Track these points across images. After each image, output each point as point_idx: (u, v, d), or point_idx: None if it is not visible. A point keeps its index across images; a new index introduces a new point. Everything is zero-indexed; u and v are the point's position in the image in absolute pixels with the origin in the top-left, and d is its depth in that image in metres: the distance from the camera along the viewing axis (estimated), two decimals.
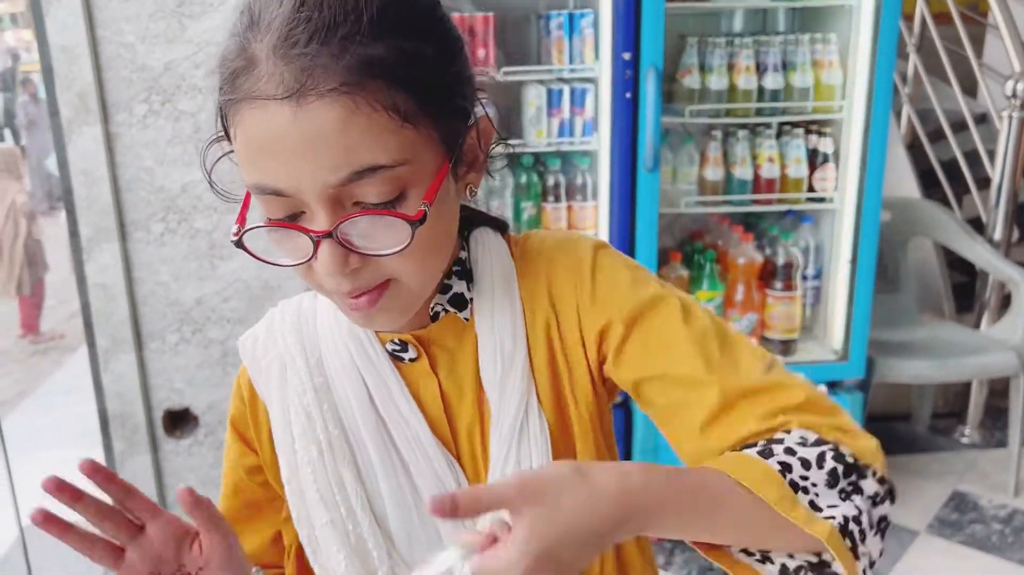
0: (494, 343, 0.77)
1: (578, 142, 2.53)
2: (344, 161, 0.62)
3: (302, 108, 0.61)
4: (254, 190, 0.66)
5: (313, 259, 0.66)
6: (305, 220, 0.66)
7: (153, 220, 2.35)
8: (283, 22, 0.62)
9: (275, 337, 0.83)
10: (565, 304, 0.78)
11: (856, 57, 2.50)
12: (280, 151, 0.62)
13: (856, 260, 2.60)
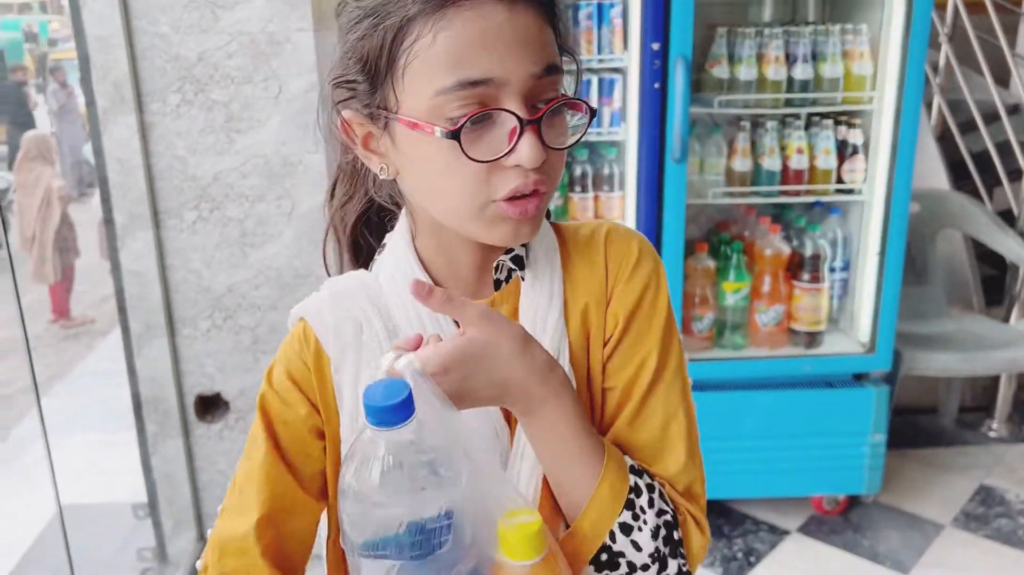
0: (532, 301, 0.84)
1: (606, 132, 2.53)
2: (542, 56, 0.73)
3: (514, 9, 0.72)
4: (458, 87, 0.71)
5: (509, 154, 0.72)
6: (494, 128, 0.74)
7: (186, 208, 2.38)
8: None
9: (344, 302, 0.84)
10: (601, 291, 0.85)
11: (887, 47, 2.48)
12: (497, 44, 0.71)
13: (884, 252, 2.58)
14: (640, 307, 0.84)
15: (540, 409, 0.77)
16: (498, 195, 0.75)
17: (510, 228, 0.77)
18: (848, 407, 2.68)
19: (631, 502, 0.78)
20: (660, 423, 0.83)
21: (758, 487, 2.79)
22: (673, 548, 0.80)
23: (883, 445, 2.71)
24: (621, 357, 0.84)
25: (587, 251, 0.86)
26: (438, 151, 0.74)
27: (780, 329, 2.71)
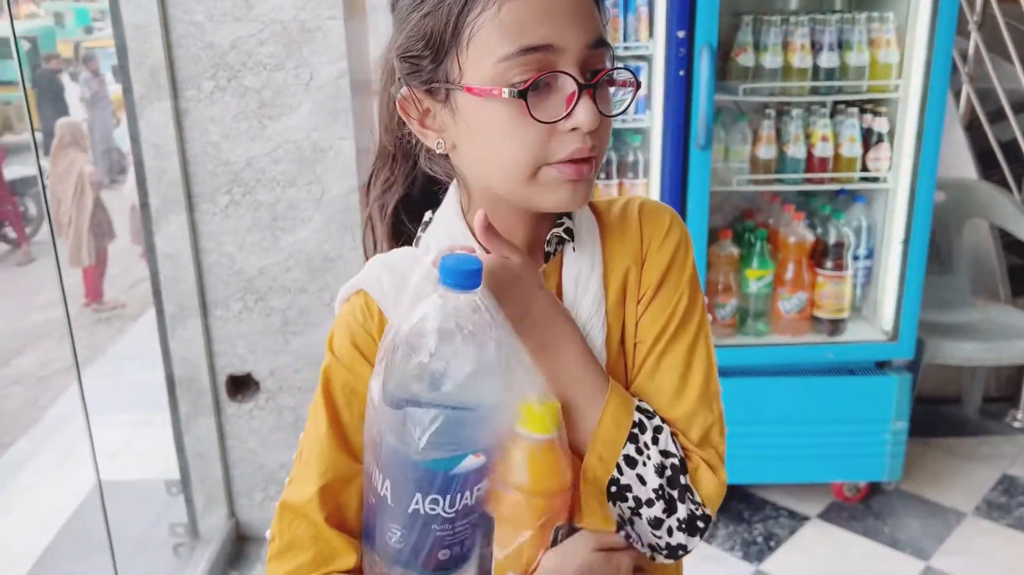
0: (575, 267, 0.90)
1: (630, 120, 2.56)
2: (594, 29, 0.79)
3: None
4: (521, 53, 0.77)
5: (568, 117, 0.78)
6: (552, 94, 0.79)
7: (219, 192, 2.44)
8: None
9: (400, 273, 0.86)
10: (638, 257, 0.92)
11: (914, 35, 2.48)
12: (555, 14, 0.77)
13: (908, 241, 2.59)
14: (671, 269, 0.90)
15: (555, 343, 0.84)
16: (556, 157, 0.80)
17: (567, 192, 0.81)
18: (870, 395, 2.69)
19: (634, 436, 0.84)
20: (679, 371, 0.88)
21: (779, 473, 2.81)
22: (681, 492, 0.84)
23: (904, 433, 2.72)
24: (651, 314, 0.90)
25: (623, 223, 0.92)
26: (502, 114, 0.79)
27: (803, 316, 2.73)
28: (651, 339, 0.89)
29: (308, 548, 0.83)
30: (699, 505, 0.85)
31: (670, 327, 0.89)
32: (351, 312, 0.88)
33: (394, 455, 0.76)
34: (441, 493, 0.75)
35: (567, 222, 0.90)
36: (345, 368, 0.86)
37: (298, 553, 0.83)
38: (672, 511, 0.84)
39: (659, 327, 0.89)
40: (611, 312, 0.90)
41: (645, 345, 0.90)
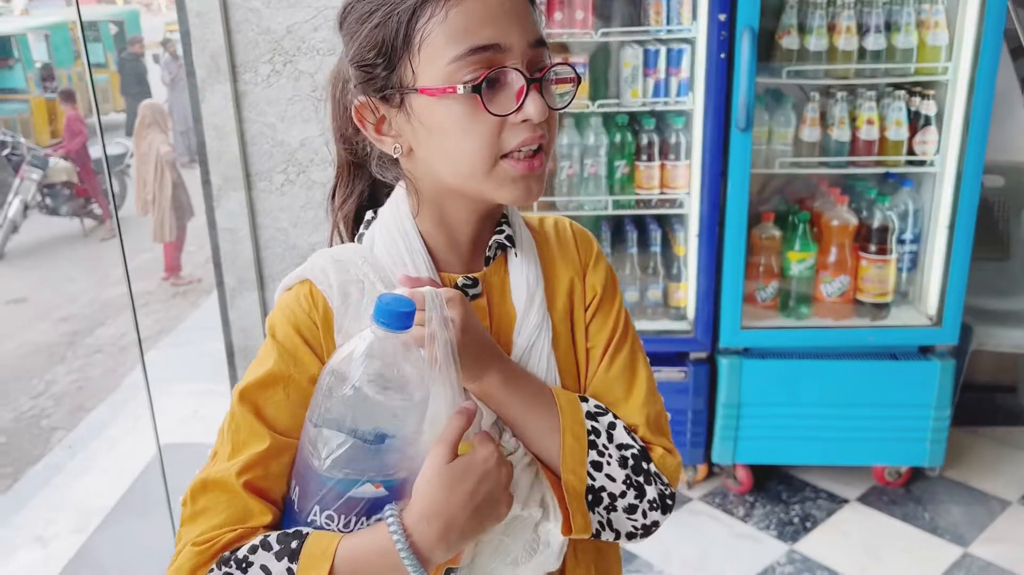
0: (522, 276, 0.97)
1: (673, 102, 2.59)
2: (534, 29, 0.86)
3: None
4: (470, 53, 0.83)
5: (518, 110, 0.84)
6: (502, 90, 0.85)
7: (275, 171, 2.57)
8: None
9: (347, 266, 0.92)
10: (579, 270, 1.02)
11: (964, 18, 2.45)
12: (499, 16, 0.84)
13: (954, 226, 2.57)
14: (607, 285, 1.02)
15: (509, 365, 0.92)
16: (509, 147, 0.85)
17: (522, 186, 0.87)
18: (912, 380, 2.68)
19: (592, 442, 0.93)
20: (628, 373, 1.00)
21: (818, 455, 2.82)
22: (647, 477, 0.94)
23: (946, 419, 2.70)
24: (599, 322, 1.00)
25: (559, 238, 1.03)
26: (458, 111, 0.84)
27: (845, 300, 2.73)
28: (602, 344, 0.99)
29: (222, 511, 0.84)
30: (667, 486, 0.95)
31: (616, 334, 1.00)
32: (295, 300, 0.91)
33: (305, 465, 0.82)
34: (337, 511, 0.81)
35: (507, 230, 0.97)
36: (287, 353, 0.89)
37: (211, 515, 0.84)
38: (642, 495, 0.93)
39: (607, 334, 1.00)
40: (561, 318, 0.99)
41: (598, 349, 1.00)
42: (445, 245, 0.95)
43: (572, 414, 0.93)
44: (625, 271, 2.77)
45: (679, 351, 2.77)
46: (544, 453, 0.93)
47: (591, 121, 2.65)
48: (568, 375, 0.98)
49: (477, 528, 0.83)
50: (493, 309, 0.96)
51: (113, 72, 11.94)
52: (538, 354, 0.96)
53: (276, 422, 0.87)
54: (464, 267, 0.97)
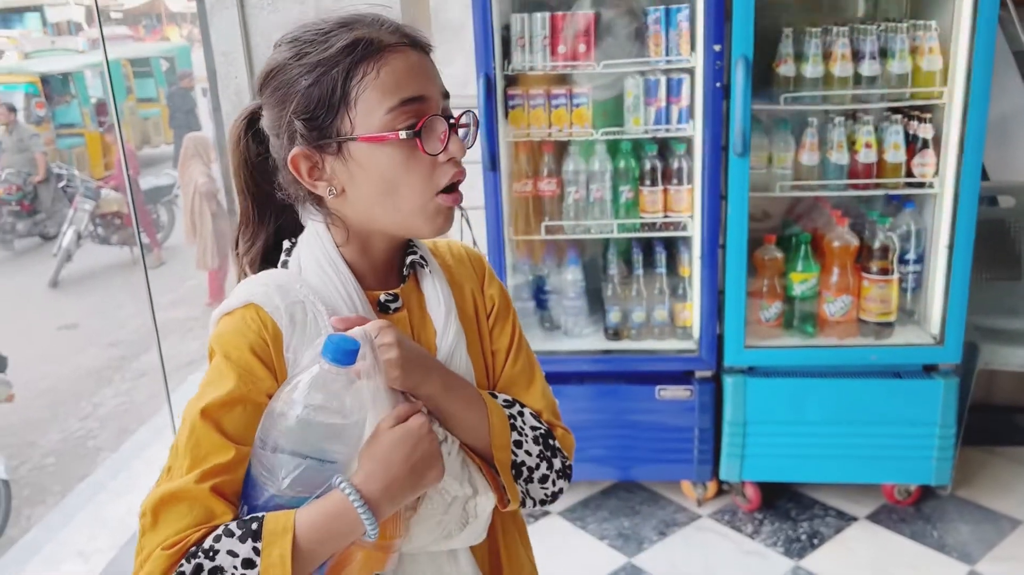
0: (435, 291, 1.12)
1: (674, 129, 2.69)
2: (441, 85, 1.03)
3: (421, 53, 1.02)
4: (403, 104, 0.97)
5: (444, 151, 1.00)
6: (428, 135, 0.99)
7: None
8: (389, 23, 1.02)
9: (288, 290, 1.01)
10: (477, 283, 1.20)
11: (958, 43, 2.51)
12: (419, 74, 1.00)
13: (953, 246, 2.61)
14: (502, 294, 1.20)
15: (444, 373, 1.06)
16: (442, 183, 1.01)
17: (445, 219, 1.04)
18: (916, 398, 2.72)
19: (513, 425, 1.09)
20: (528, 372, 1.19)
21: (826, 472, 2.86)
22: (552, 451, 1.13)
23: (952, 437, 2.73)
24: (499, 327, 1.18)
25: (455, 257, 1.19)
26: (397, 155, 0.97)
27: (848, 319, 2.78)
28: (504, 348, 1.17)
29: (185, 515, 0.89)
30: (566, 458, 1.15)
31: (515, 339, 1.18)
32: (244, 322, 0.98)
33: (253, 485, 0.92)
34: None
35: (419, 251, 1.12)
36: (245, 373, 0.96)
37: (176, 520, 0.89)
38: (551, 466, 1.11)
39: (507, 339, 1.17)
40: (469, 326, 1.14)
41: (501, 352, 1.17)
42: (367, 269, 1.08)
43: (494, 404, 1.09)
44: (632, 292, 2.86)
45: (685, 370, 2.84)
46: (475, 441, 1.07)
47: (596, 148, 2.76)
48: (479, 376, 1.14)
49: (417, 484, 0.96)
50: (414, 321, 1.10)
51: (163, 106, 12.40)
52: (458, 360, 1.09)
53: (236, 436, 0.94)
54: (382, 285, 1.10)
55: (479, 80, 2.58)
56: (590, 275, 2.99)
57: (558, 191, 2.79)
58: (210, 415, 0.93)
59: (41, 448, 4.97)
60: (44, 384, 5.77)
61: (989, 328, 2.95)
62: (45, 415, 5.37)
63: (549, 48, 2.65)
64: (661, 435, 2.86)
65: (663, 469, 2.95)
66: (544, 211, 2.82)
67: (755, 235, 2.73)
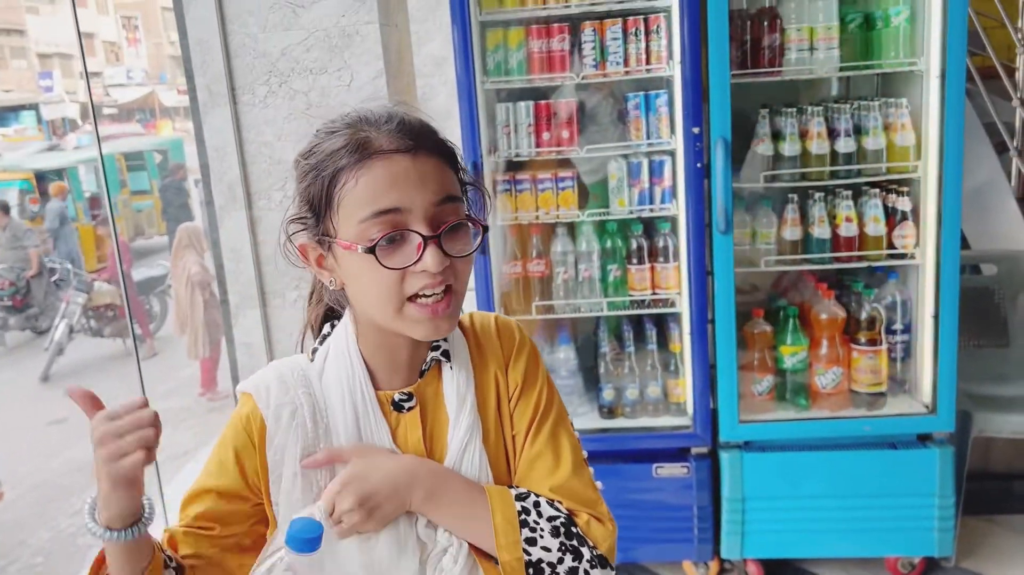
0: (453, 383, 1.12)
1: (658, 209, 2.75)
2: (440, 189, 1.00)
3: (416, 157, 0.99)
4: (374, 216, 0.97)
5: (418, 262, 0.98)
6: (405, 245, 0.99)
7: (287, 289, 2.75)
8: (396, 122, 1.01)
9: (287, 387, 1.07)
10: (502, 363, 1.16)
11: (928, 120, 2.59)
12: (403, 183, 0.98)
13: (938, 315, 2.64)
14: (528, 372, 1.15)
15: (428, 483, 1.04)
16: (410, 292, 1.00)
17: (430, 325, 1.02)
18: (912, 468, 2.71)
19: (524, 521, 1.04)
20: (552, 451, 1.11)
21: (828, 547, 2.83)
22: (579, 540, 1.05)
23: (951, 507, 2.71)
24: (521, 408, 1.13)
25: (485, 336, 1.16)
26: (363, 263, 0.99)
27: (840, 390, 2.79)
28: (524, 429, 1.12)
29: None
30: (594, 547, 1.06)
31: (536, 416, 1.12)
32: (237, 415, 1.09)
33: None
34: None
35: (443, 345, 1.12)
36: (221, 465, 1.08)
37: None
38: (579, 557, 1.04)
39: (528, 418, 1.12)
40: (492, 414, 1.11)
41: (521, 435, 1.12)
42: (384, 365, 1.09)
43: (501, 499, 1.04)
44: (624, 369, 2.87)
45: (681, 447, 2.83)
46: (481, 542, 1.04)
47: (583, 229, 2.82)
48: (499, 466, 1.10)
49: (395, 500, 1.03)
50: (427, 417, 1.10)
51: (156, 198, 12.56)
52: (471, 453, 1.08)
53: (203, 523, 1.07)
54: (404, 383, 1.11)
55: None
56: (582, 354, 3.01)
57: (547, 271, 2.84)
58: (186, 503, 1.08)
59: (30, 547, 4.87)
60: (33, 480, 5.68)
61: (981, 395, 2.97)
62: (34, 512, 5.28)
63: (534, 135, 2.73)
64: (660, 514, 2.83)
65: (664, 549, 2.92)
66: (534, 291, 2.86)
67: (743, 309, 2.77)
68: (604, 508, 1.11)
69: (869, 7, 2.72)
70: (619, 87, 2.80)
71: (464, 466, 1.08)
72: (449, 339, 1.12)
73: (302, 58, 2.59)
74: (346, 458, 1.04)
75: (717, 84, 2.52)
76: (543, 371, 1.16)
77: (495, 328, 1.17)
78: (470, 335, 1.16)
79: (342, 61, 2.59)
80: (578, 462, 1.12)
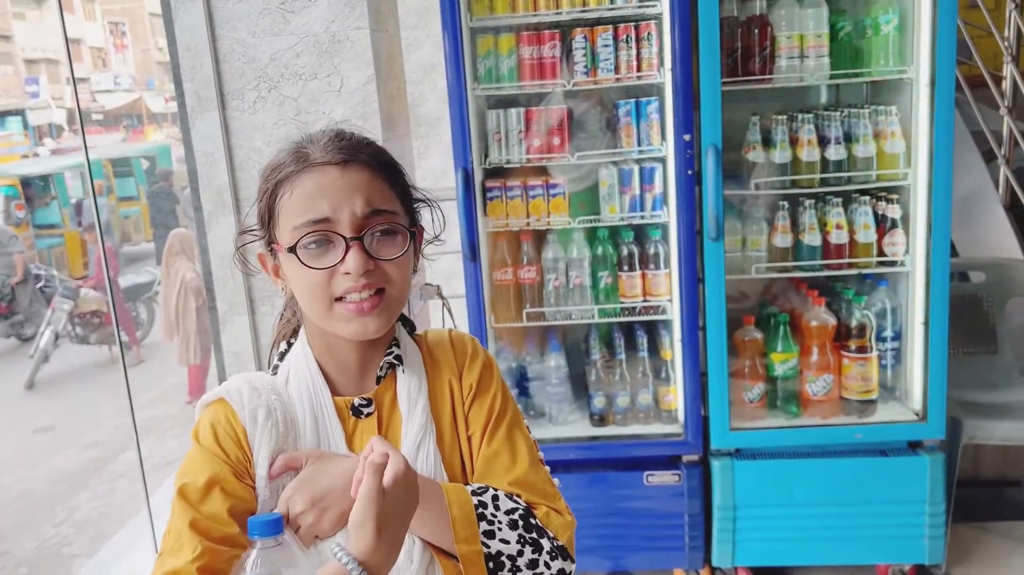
0: (405, 387, 1.16)
1: (649, 216, 2.74)
2: (368, 200, 1.06)
3: (347, 169, 1.06)
4: (305, 225, 1.04)
5: (341, 263, 1.04)
6: (332, 249, 1.05)
7: (276, 296, 2.73)
8: (329, 137, 1.09)
9: (258, 392, 1.11)
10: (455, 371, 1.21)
11: (918, 129, 2.60)
12: (330, 193, 1.05)
13: (928, 323, 2.65)
14: (482, 378, 1.20)
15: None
16: (336, 294, 1.06)
17: (359, 323, 1.07)
18: (903, 475, 2.71)
19: (481, 514, 1.07)
20: (508, 449, 1.16)
21: (819, 555, 2.82)
22: (538, 531, 1.09)
23: (942, 514, 2.71)
24: (475, 411, 1.18)
25: (439, 347, 1.22)
26: (294, 267, 1.07)
27: (831, 398, 2.79)
28: (480, 428, 1.17)
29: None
30: (554, 539, 1.10)
31: (491, 418, 1.17)
32: (214, 415, 1.11)
33: None
34: None
35: (395, 350, 1.17)
36: (212, 457, 1.07)
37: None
38: (539, 548, 1.07)
39: (484, 419, 1.17)
40: (447, 416, 1.15)
41: (476, 435, 1.17)
42: (338, 370, 1.14)
43: (457, 494, 1.07)
44: (615, 376, 2.86)
45: (672, 454, 2.83)
46: (439, 538, 1.06)
47: (574, 236, 2.81)
48: (452, 466, 1.14)
49: (406, 526, 0.99)
50: (383, 422, 1.14)
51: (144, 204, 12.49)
52: (424, 452, 1.12)
53: (218, 518, 1.03)
54: (357, 388, 1.15)
55: (457, 174, 2.64)
56: (572, 361, 3.00)
57: (538, 278, 2.83)
58: (191, 500, 1.03)
59: (14, 557, 4.81)
60: (18, 489, 5.63)
61: (971, 402, 2.97)
62: (19, 521, 5.22)
63: (524, 141, 2.72)
64: (651, 522, 2.82)
65: (655, 557, 2.90)
66: (525, 298, 2.84)
67: (733, 316, 2.77)
68: (563, 503, 1.16)
69: (859, 15, 2.73)
70: (607, 95, 2.79)
71: (418, 465, 1.10)
72: (402, 347, 1.18)
73: (292, 63, 2.58)
74: (301, 464, 1.07)
75: (708, 91, 2.52)
76: (498, 379, 1.21)
77: (448, 340, 1.23)
78: (423, 346, 1.22)
79: (332, 67, 2.58)
80: (534, 460, 1.17)
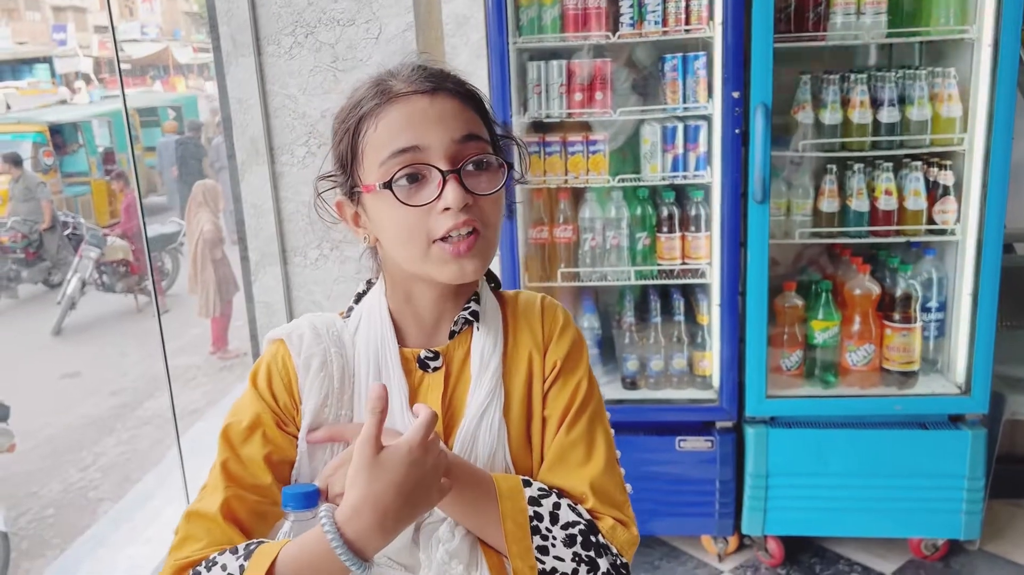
0: (480, 346, 1.08)
1: (691, 176, 2.67)
2: (460, 127, 0.99)
3: (435, 97, 0.99)
4: (393, 155, 0.97)
5: (438, 199, 0.96)
6: (427, 184, 0.98)
7: (309, 247, 2.69)
8: (412, 67, 1.02)
9: (320, 339, 1.06)
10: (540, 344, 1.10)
11: (977, 92, 2.50)
12: (420, 122, 0.97)
13: (977, 294, 2.57)
14: (569, 356, 1.09)
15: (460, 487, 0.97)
16: (436, 235, 0.98)
17: (456, 266, 0.99)
18: (943, 449, 2.65)
19: (535, 527, 0.98)
20: (585, 445, 1.06)
21: (851, 526, 2.78)
22: (598, 550, 0.99)
23: (980, 490, 2.65)
24: (556, 389, 1.07)
25: (527, 315, 1.11)
26: (387, 205, 0.98)
27: (872, 368, 2.72)
28: (559, 413, 1.06)
29: (202, 537, 0.97)
30: (617, 556, 1.01)
31: (575, 403, 1.06)
32: (272, 357, 1.07)
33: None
34: None
35: (473, 306, 1.08)
36: (260, 400, 1.04)
37: (195, 540, 0.97)
38: (595, 568, 0.98)
39: (565, 402, 1.06)
40: (518, 387, 1.07)
41: (554, 419, 1.06)
42: (411, 322, 1.08)
43: (513, 502, 0.99)
44: (649, 340, 2.81)
45: (705, 420, 2.78)
46: (491, 541, 1.00)
47: (612, 195, 2.74)
48: (518, 443, 1.06)
49: (412, 513, 0.91)
50: (451, 379, 1.07)
51: None
52: (489, 421, 1.04)
53: (255, 463, 1.01)
54: (429, 342, 1.08)
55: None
56: (605, 323, 2.94)
57: (574, 238, 2.76)
58: (232, 441, 1.02)
59: (42, 499, 4.87)
60: (45, 433, 5.69)
61: (1014, 377, 2.89)
62: (46, 465, 5.29)
63: (566, 96, 2.64)
64: (681, 488, 2.78)
65: (683, 523, 2.87)
66: (560, 258, 2.79)
67: (774, 282, 2.70)
68: (630, 511, 1.07)
69: None
70: (650, 49, 2.70)
71: (480, 433, 1.04)
72: (481, 303, 1.09)
73: (330, 8, 2.51)
74: (348, 437, 1.01)
75: (760, 47, 2.43)
76: (586, 361, 1.11)
77: (539, 306, 1.13)
78: (509, 307, 1.13)
79: (371, 13, 2.50)
80: (611, 460, 1.07)
